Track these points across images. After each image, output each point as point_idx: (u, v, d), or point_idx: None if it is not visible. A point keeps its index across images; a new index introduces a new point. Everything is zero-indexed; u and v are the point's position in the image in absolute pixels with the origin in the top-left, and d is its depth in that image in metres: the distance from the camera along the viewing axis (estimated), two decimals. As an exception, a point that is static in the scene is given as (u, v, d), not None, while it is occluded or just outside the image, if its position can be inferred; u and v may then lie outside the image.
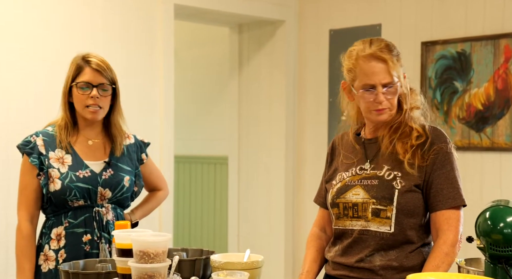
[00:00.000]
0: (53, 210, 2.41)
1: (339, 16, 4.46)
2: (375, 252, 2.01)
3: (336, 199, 2.10)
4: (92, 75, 2.38)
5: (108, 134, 2.50)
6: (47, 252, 2.40)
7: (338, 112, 4.52)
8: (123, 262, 1.87)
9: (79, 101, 2.39)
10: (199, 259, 2.09)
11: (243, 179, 4.89)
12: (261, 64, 4.76)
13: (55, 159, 2.39)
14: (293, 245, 4.68)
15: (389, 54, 2.02)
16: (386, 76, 2.01)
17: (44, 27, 3.48)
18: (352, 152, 2.14)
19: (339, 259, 2.09)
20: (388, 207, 1.99)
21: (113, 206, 2.46)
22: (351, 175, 2.10)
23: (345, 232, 2.08)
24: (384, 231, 2.00)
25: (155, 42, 3.91)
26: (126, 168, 2.49)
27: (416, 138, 2.02)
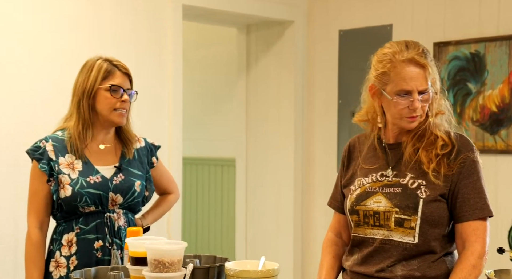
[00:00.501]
0: (63, 216, 2.37)
1: (349, 16, 4.40)
2: (396, 263, 1.96)
3: (356, 205, 2.04)
4: (122, 79, 2.39)
5: (120, 139, 2.47)
6: (58, 259, 2.36)
7: (348, 113, 4.51)
8: (137, 271, 1.83)
9: (107, 104, 2.36)
10: (213, 266, 2.05)
11: (251, 181, 4.85)
12: (269, 65, 4.71)
13: (65, 165, 2.35)
14: (302, 249, 4.63)
15: (426, 59, 1.96)
16: (423, 83, 1.95)
17: (52, 28, 3.45)
18: (373, 156, 2.08)
19: (357, 268, 2.03)
20: (412, 217, 1.93)
21: (125, 211, 2.42)
22: (372, 181, 2.03)
23: (365, 240, 2.02)
24: (407, 242, 1.95)
25: (164, 43, 3.87)
26: (137, 172, 2.45)
27: (441, 147, 1.96)
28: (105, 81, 2.36)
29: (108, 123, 2.40)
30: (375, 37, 4.27)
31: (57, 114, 3.37)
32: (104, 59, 2.40)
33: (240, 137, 4.89)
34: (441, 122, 2.02)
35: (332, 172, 4.50)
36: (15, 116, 3.32)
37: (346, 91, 4.43)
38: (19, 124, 3.32)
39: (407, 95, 1.95)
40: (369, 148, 2.10)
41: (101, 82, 2.36)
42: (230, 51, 5.12)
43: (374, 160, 2.06)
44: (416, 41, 2.02)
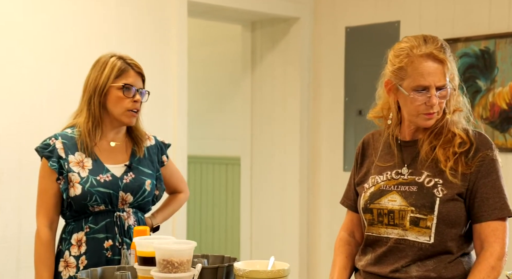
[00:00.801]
0: (73, 215, 2.33)
1: (356, 13, 4.36)
2: (411, 263, 1.91)
3: (370, 204, 1.98)
4: (135, 78, 2.35)
5: (130, 137, 2.44)
6: (67, 259, 2.32)
7: (354, 111, 4.46)
8: (145, 271, 1.79)
9: (119, 103, 2.32)
10: (221, 266, 2.01)
11: (256, 180, 4.81)
12: (274, 63, 4.67)
13: (75, 163, 2.31)
14: (307, 248, 4.59)
15: (445, 54, 1.91)
16: (441, 78, 1.90)
17: (55, 27, 3.41)
18: (387, 153, 2.03)
19: (371, 268, 1.98)
20: (428, 216, 1.88)
21: (134, 210, 2.38)
22: (386, 179, 1.98)
23: (379, 239, 1.97)
24: (423, 242, 1.90)
25: (168, 41, 3.84)
26: (147, 171, 2.41)
27: (459, 145, 1.91)
28: (118, 80, 2.32)
29: (117, 123, 2.36)
30: (382, 34, 4.22)
31: (60, 113, 3.35)
32: (118, 57, 2.36)
33: (245, 135, 4.85)
34: (459, 120, 1.97)
35: (338, 170, 4.46)
36: (18, 116, 3.29)
37: (353, 89, 4.39)
38: (22, 124, 3.29)
39: (424, 91, 1.89)
40: (383, 145, 2.05)
41: (114, 81, 2.32)
42: (235, 48, 5.08)
43: (389, 157, 2.01)
44: (434, 35, 1.96)
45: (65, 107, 3.38)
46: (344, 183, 4.37)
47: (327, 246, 4.51)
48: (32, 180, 3.25)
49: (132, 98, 2.32)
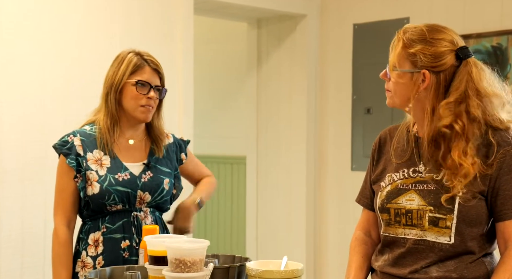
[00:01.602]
0: (90, 214, 2.30)
1: (364, 9, 4.30)
2: (431, 264, 1.84)
3: (387, 203, 1.91)
4: (151, 75, 2.32)
5: (148, 134, 2.40)
6: (84, 259, 2.29)
7: (362, 110, 4.41)
8: (157, 271, 1.74)
9: (133, 99, 2.30)
10: (233, 266, 1.96)
11: (261, 180, 4.75)
12: (281, 60, 4.62)
13: (93, 161, 2.28)
14: (314, 249, 4.53)
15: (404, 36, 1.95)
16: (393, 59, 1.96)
17: (61, 24, 3.36)
18: (404, 150, 1.96)
19: (389, 269, 1.91)
20: (448, 216, 1.81)
21: (152, 209, 2.35)
22: (403, 177, 1.91)
23: (396, 240, 1.90)
24: (443, 242, 1.82)
25: (174, 38, 3.80)
26: (165, 170, 2.38)
27: (465, 176, 1.79)
28: (133, 76, 2.30)
29: (134, 120, 2.33)
30: (391, 31, 4.11)
31: (64, 112, 3.34)
32: (136, 53, 2.33)
33: (250, 134, 4.80)
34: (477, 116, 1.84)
35: (346, 170, 4.40)
36: (21, 115, 3.24)
37: (361, 87, 4.34)
38: (25, 123, 3.24)
39: None
40: (400, 140, 1.98)
41: (129, 77, 2.30)
42: (241, 46, 5.04)
43: (406, 154, 1.94)
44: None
45: (69, 105, 3.37)
46: (352, 182, 4.36)
47: (335, 246, 4.45)
48: (35, 179, 3.23)
49: (146, 95, 2.29)
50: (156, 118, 2.39)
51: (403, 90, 1.88)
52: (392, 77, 1.89)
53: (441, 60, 1.83)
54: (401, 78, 1.87)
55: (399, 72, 1.86)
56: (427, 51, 1.83)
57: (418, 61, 1.83)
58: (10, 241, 3.17)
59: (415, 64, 1.84)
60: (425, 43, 1.84)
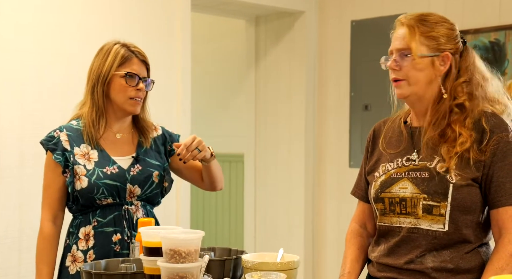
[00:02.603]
0: (80, 208, 2.28)
1: (361, 6, 4.29)
2: (426, 253, 1.83)
3: (381, 193, 1.91)
4: (139, 66, 2.29)
5: (136, 128, 2.37)
6: (75, 253, 2.27)
7: (360, 106, 4.39)
8: (151, 262, 1.72)
9: (122, 91, 2.26)
10: (229, 259, 1.96)
11: (260, 178, 4.74)
12: (279, 58, 4.61)
13: (80, 155, 2.26)
14: (313, 247, 4.52)
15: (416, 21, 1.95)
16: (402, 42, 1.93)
17: (59, 22, 3.36)
18: (398, 140, 1.95)
19: (385, 259, 1.90)
20: (441, 203, 1.80)
21: (143, 203, 2.32)
22: (397, 167, 1.90)
23: (391, 229, 1.89)
24: (437, 230, 1.81)
25: (172, 36, 3.79)
26: (154, 162, 2.35)
27: (461, 144, 1.81)
28: (121, 68, 2.26)
29: (121, 112, 2.30)
30: (389, 27, 4.15)
31: (62, 108, 3.32)
32: (122, 44, 2.29)
33: (249, 132, 4.79)
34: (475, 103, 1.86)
35: (344, 166, 4.39)
36: (19, 112, 3.24)
37: (359, 83, 4.33)
38: (23, 119, 3.23)
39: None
40: (394, 131, 1.98)
41: (117, 69, 2.26)
42: (239, 44, 5.02)
43: (399, 143, 1.94)
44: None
45: (68, 102, 3.32)
46: (350, 179, 4.33)
47: (333, 242, 4.44)
48: (34, 175, 3.22)
49: (135, 86, 2.26)
50: (142, 110, 2.36)
51: (422, 76, 1.85)
52: (408, 64, 1.84)
53: (458, 43, 1.87)
54: (419, 64, 1.83)
55: (417, 58, 1.82)
56: (449, 33, 1.85)
57: (440, 44, 1.83)
58: (7, 237, 3.16)
59: (435, 47, 1.83)
60: (444, 26, 1.85)
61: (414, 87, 1.86)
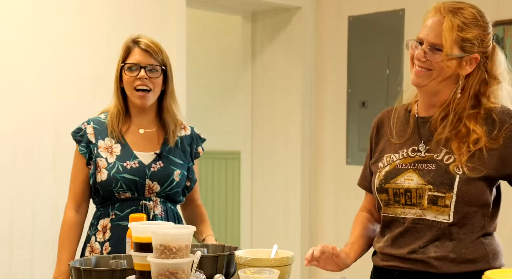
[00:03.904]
0: (100, 201, 2.33)
1: (359, 1, 4.26)
2: (429, 243, 1.81)
3: (385, 183, 1.88)
4: (141, 55, 2.28)
5: (162, 123, 2.37)
6: (93, 244, 2.32)
7: (357, 103, 4.36)
8: (141, 258, 1.68)
9: (128, 84, 2.29)
10: (222, 255, 1.93)
11: (256, 175, 4.71)
12: (276, 54, 4.57)
13: (104, 148, 2.30)
14: (310, 243, 4.49)
15: (452, 13, 1.87)
16: (437, 35, 1.85)
17: (52, 19, 3.33)
18: (403, 130, 1.92)
19: (388, 249, 1.88)
20: (447, 194, 1.78)
21: (163, 200, 2.33)
22: (402, 157, 1.88)
23: (395, 220, 1.87)
24: (442, 221, 1.80)
25: (167, 32, 3.76)
26: (178, 161, 2.35)
27: (475, 142, 1.79)
28: (126, 60, 2.30)
29: (136, 107, 2.32)
30: (386, 23, 4.13)
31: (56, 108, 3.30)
32: (131, 38, 2.32)
33: (245, 129, 4.75)
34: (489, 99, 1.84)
35: (341, 163, 4.36)
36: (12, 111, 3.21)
37: (356, 80, 4.30)
38: (17, 118, 3.21)
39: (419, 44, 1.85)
40: (400, 121, 1.95)
41: (122, 62, 2.30)
42: (235, 40, 4.99)
43: (405, 134, 1.91)
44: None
45: (60, 98, 3.33)
46: (347, 176, 4.32)
47: (330, 240, 4.41)
48: (25, 171, 3.19)
49: (136, 76, 2.26)
50: (166, 101, 2.35)
51: (446, 73, 1.83)
52: (437, 57, 1.80)
53: (489, 45, 1.84)
54: (447, 62, 1.80)
55: (447, 57, 1.80)
56: (482, 36, 1.82)
57: (472, 46, 1.80)
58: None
59: (468, 48, 1.81)
60: (479, 28, 1.82)
61: (434, 81, 1.84)
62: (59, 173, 3.25)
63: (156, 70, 2.28)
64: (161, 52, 2.31)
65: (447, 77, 1.82)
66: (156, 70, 2.28)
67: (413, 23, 4.00)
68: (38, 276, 3.23)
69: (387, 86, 4.12)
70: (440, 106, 1.85)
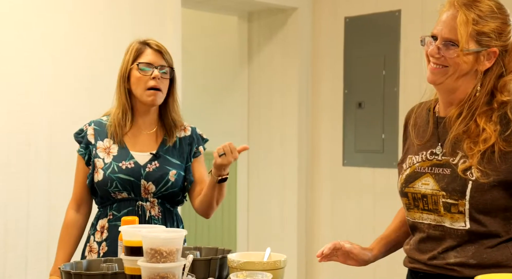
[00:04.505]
0: (100, 201, 2.35)
1: (355, 2, 4.25)
2: (449, 249, 1.77)
3: (405, 187, 1.84)
4: (154, 56, 2.32)
5: (162, 124, 2.38)
6: (91, 244, 2.34)
7: (354, 104, 4.36)
8: (132, 262, 1.67)
9: (140, 83, 2.29)
10: (214, 258, 1.92)
11: (253, 176, 4.70)
12: (272, 55, 4.56)
13: (102, 149, 2.32)
14: (306, 245, 4.48)
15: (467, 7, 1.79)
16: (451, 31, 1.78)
17: (48, 20, 3.33)
18: (424, 131, 1.87)
19: (413, 254, 1.86)
20: (459, 201, 1.72)
21: (161, 201, 2.32)
22: (421, 160, 1.83)
23: (416, 225, 1.84)
24: (458, 228, 1.75)
25: (162, 32, 3.75)
26: (174, 161, 2.34)
27: (484, 141, 1.72)
28: (137, 60, 2.31)
29: (144, 107, 2.33)
30: (383, 24, 4.12)
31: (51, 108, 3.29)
32: (140, 40, 2.35)
33: (241, 130, 4.75)
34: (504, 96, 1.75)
35: (338, 165, 4.35)
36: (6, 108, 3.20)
37: (352, 80, 4.29)
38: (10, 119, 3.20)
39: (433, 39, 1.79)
40: (422, 119, 1.89)
41: (132, 63, 2.31)
42: (231, 40, 4.98)
43: (425, 134, 1.85)
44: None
45: (53, 99, 3.32)
46: (343, 177, 4.31)
47: (326, 242, 4.32)
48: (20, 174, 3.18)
49: (150, 75, 2.28)
50: (170, 102, 2.37)
51: (463, 69, 1.74)
52: (450, 55, 1.73)
53: (509, 39, 1.75)
54: (463, 58, 1.72)
55: (463, 52, 1.72)
56: (500, 30, 1.73)
57: (489, 40, 1.72)
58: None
59: (485, 42, 1.72)
60: (497, 20, 1.73)
61: (451, 78, 1.76)
62: (54, 174, 3.24)
63: (166, 71, 2.32)
64: (169, 54, 2.36)
65: (465, 73, 1.74)
66: (166, 71, 2.32)
67: (409, 24, 3.99)
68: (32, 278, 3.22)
69: (383, 87, 4.11)
70: (458, 104, 1.78)
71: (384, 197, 4.11)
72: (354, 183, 4.28)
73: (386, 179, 4.09)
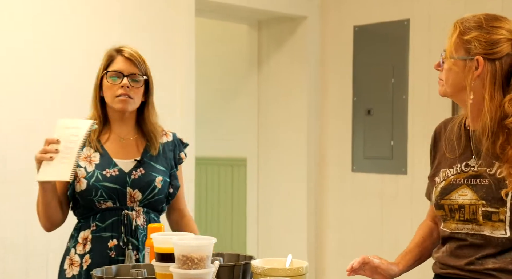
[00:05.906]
0: (81, 212, 2.27)
1: (364, 11, 4.30)
2: (488, 256, 1.82)
3: (441, 200, 1.90)
4: (124, 64, 2.26)
5: (142, 132, 2.34)
6: (72, 257, 2.26)
7: (363, 111, 4.41)
8: (164, 268, 1.73)
9: (109, 91, 2.25)
10: (238, 264, 1.96)
11: (262, 182, 4.74)
12: (281, 63, 4.61)
13: (82, 158, 2.24)
14: (315, 250, 4.52)
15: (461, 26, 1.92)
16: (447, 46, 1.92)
17: (58, 26, 3.35)
18: (458, 144, 1.93)
19: (447, 260, 1.90)
20: (500, 209, 1.78)
21: (146, 210, 2.29)
22: (456, 173, 1.88)
23: (453, 236, 1.89)
24: (499, 236, 1.80)
25: (176, 40, 3.80)
26: (159, 167, 2.32)
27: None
28: (108, 68, 2.27)
29: (117, 113, 2.29)
30: (391, 33, 4.17)
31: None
32: (115, 47, 2.30)
33: (251, 136, 4.79)
34: None
35: (347, 171, 4.40)
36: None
37: (361, 88, 4.34)
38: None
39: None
40: (454, 133, 1.95)
41: (104, 70, 2.27)
42: (241, 48, 5.03)
43: (458, 147, 1.92)
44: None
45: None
46: (353, 183, 4.36)
47: (335, 247, 4.45)
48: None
49: (119, 84, 2.24)
50: (147, 111, 2.32)
51: (456, 79, 1.84)
52: (445, 65, 1.85)
53: (496, 48, 1.81)
54: (454, 66, 1.83)
55: (453, 60, 1.83)
56: (482, 38, 1.81)
57: (472, 48, 1.80)
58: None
59: (469, 51, 1.81)
60: (480, 30, 1.82)
61: (448, 88, 1.87)
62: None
63: (138, 80, 2.27)
64: (144, 63, 2.29)
65: (457, 84, 1.84)
66: (138, 80, 2.27)
67: (418, 33, 4.04)
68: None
69: (392, 95, 4.17)
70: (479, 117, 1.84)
71: (392, 203, 4.17)
72: (362, 189, 4.32)
73: (395, 185, 4.15)
